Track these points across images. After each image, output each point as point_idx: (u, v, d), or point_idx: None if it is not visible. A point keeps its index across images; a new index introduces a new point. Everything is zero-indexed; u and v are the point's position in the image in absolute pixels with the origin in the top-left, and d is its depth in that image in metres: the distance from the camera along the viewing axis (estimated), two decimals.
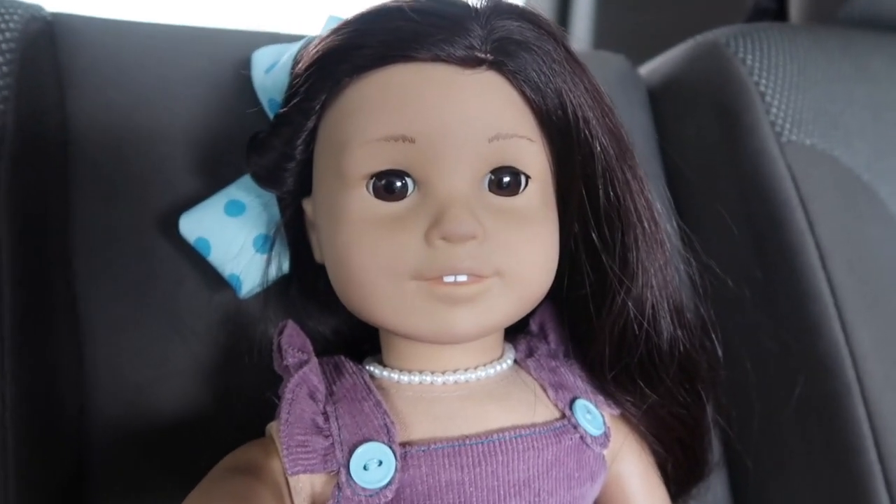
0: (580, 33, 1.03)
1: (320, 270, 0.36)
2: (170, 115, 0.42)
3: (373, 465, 0.30)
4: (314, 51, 0.32)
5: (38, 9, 0.43)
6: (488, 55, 0.30)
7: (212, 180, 0.41)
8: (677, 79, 0.57)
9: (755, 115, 0.51)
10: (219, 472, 0.31)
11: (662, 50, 0.62)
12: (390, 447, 0.30)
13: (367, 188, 0.30)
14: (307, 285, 0.39)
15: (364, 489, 0.29)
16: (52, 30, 0.43)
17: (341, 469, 0.30)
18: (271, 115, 0.39)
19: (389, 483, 0.29)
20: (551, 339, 0.37)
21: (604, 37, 1.01)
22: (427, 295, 0.30)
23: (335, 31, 0.32)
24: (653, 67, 0.61)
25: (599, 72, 0.34)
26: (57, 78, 0.42)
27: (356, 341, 0.38)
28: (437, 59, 0.30)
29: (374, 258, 0.30)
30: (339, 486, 0.30)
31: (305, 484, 0.31)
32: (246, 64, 0.41)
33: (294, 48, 0.38)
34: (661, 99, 0.57)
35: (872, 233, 0.49)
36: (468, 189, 0.30)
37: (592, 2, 1.01)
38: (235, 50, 0.44)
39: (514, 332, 0.37)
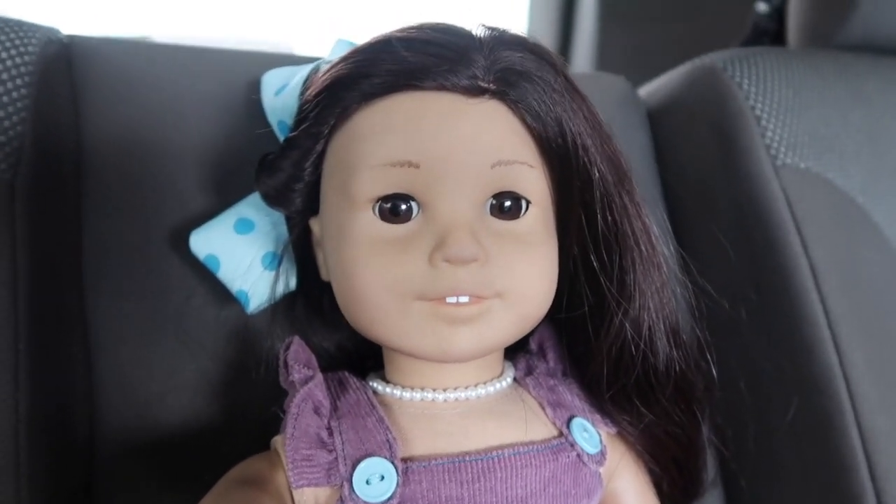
0: (582, 54, 1.05)
1: (326, 288, 0.37)
2: (181, 134, 0.44)
3: (375, 479, 0.30)
4: (324, 78, 0.33)
5: (55, 32, 0.44)
6: (491, 85, 0.31)
7: (221, 198, 0.42)
8: (675, 101, 0.58)
9: (751, 138, 0.51)
10: (225, 483, 0.31)
11: (663, 71, 0.63)
12: (392, 462, 0.31)
13: (374, 211, 0.32)
14: (313, 302, 0.40)
15: (366, 503, 0.30)
16: (68, 52, 0.44)
17: (344, 483, 0.31)
18: (280, 136, 0.40)
19: (391, 498, 0.30)
20: (550, 359, 0.38)
21: (605, 58, 1.03)
22: (430, 315, 0.31)
23: (344, 60, 0.33)
24: (652, 89, 0.62)
25: (600, 93, 0.35)
26: (72, 98, 0.43)
27: (360, 357, 0.39)
28: (441, 88, 0.31)
29: (379, 278, 0.31)
30: (342, 500, 0.31)
31: (309, 497, 0.31)
32: (256, 85, 0.42)
33: (303, 71, 0.39)
34: (659, 120, 0.58)
35: (866, 255, 0.50)
36: (471, 213, 0.31)
37: (594, 23, 1.03)
38: (246, 71, 0.45)
39: (514, 351, 0.38)
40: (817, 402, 0.44)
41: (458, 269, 0.30)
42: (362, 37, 0.36)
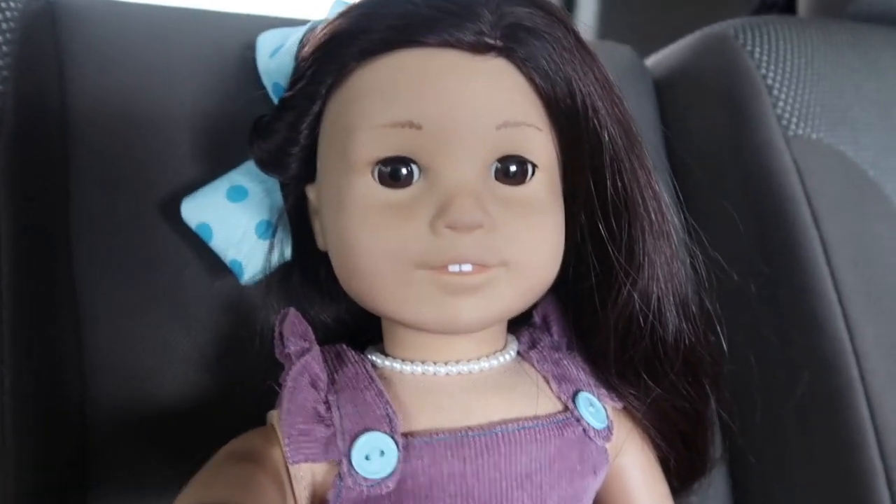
0: (584, 26, 1.03)
1: (323, 258, 0.36)
2: (172, 98, 0.42)
3: (375, 455, 0.29)
4: (321, 34, 0.32)
5: None
6: (498, 41, 0.30)
7: (214, 165, 0.41)
8: (684, 71, 0.56)
9: (762, 108, 0.50)
10: (220, 458, 0.30)
11: (665, 42, 0.61)
12: (392, 437, 0.30)
13: (373, 175, 0.30)
14: (309, 273, 0.39)
15: (366, 479, 0.29)
16: (52, 10, 0.42)
17: (343, 459, 0.29)
18: (275, 100, 0.39)
19: (391, 474, 0.29)
20: (554, 332, 0.37)
21: (608, 29, 1.01)
22: (432, 284, 0.30)
23: (343, 15, 0.32)
24: (659, 59, 0.60)
25: (606, 63, 0.34)
26: (57, 59, 0.41)
27: (358, 330, 0.38)
28: (445, 44, 0.30)
29: (378, 246, 0.30)
30: (340, 476, 0.29)
31: (306, 473, 0.31)
32: (250, 47, 0.40)
33: (299, 32, 0.37)
34: (667, 91, 0.57)
35: (877, 229, 0.49)
36: (474, 177, 0.30)
37: None
38: (239, 33, 0.43)
39: (517, 324, 0.37)
40: (827, 377, 0.44)
41: (462, 236, 0.29)
42: None
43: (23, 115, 0.37)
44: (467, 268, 0.29)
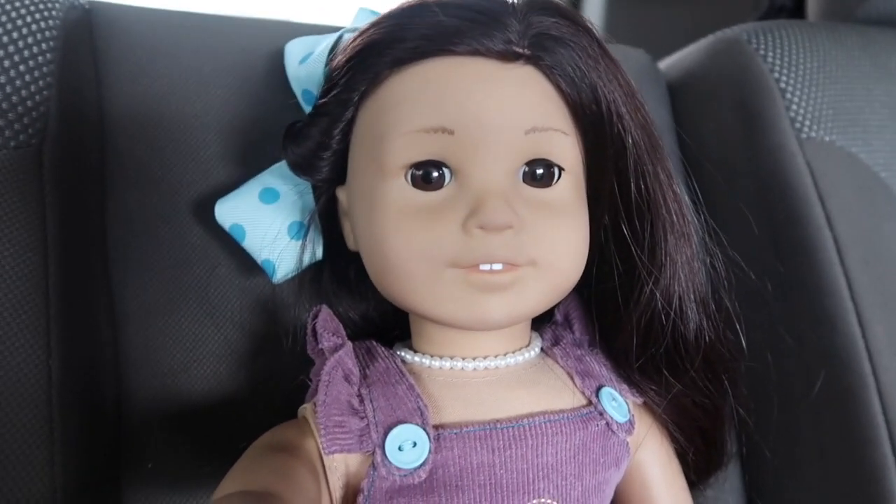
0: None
1: (352, 257, 0.37)
2: (203, 103, 0.43)
3: (407, 445, 0.31)
4: (354, 43, 0.33)
5: None
6: (526, 50, 0.31)
7: (243, 168, 0.42)
8: (697, 74, 0.57)
9: (775, 110, 0.51)
10: (257, 449, 0.32)
11: (675, 49, 0.62)
12: (424, 429, 0.31)
13: (406, 178, 0.31)
14: (339, 272, 0.40)
15: (399, 469, 0.30)
16: (89, 18, 0.43)
17: (377, 449, 0.31)
18: (305, 106, 0.40)
19: (423, 464, 0.30)
20: (576, 329, 0.38)
21: (614, 32, 1.02)
22: (463, 282, 0.31)
23: (375, 25, 0.33)
24: (672, 62, 0.61)
25: None
26: (94, 66, 0.42)
27: (386, 327, 0.39)
28: (475, 53, 0.31)
29: (411, 246, 0.31)
30: (374, 466, 0.31)
31: (340, 463, 0.32)
32: (279, 54, 0.41)
33: (328, 40, 0.38)
34: (680, 94, 0.58)
35: (888, 229, 0.50)
36: (504, 180, 0.31)
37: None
38: (269, 40, 0.44)
39: (540, 322, 0.38)
40: (840, 374, 0.44)
41: (492, 236, 0.30)
42: (384, 5, 0.36)
43: (65, 119, 0.39)
44: (497, 267, 0.30)
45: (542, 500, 0.31)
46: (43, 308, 0.35)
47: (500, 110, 0.31)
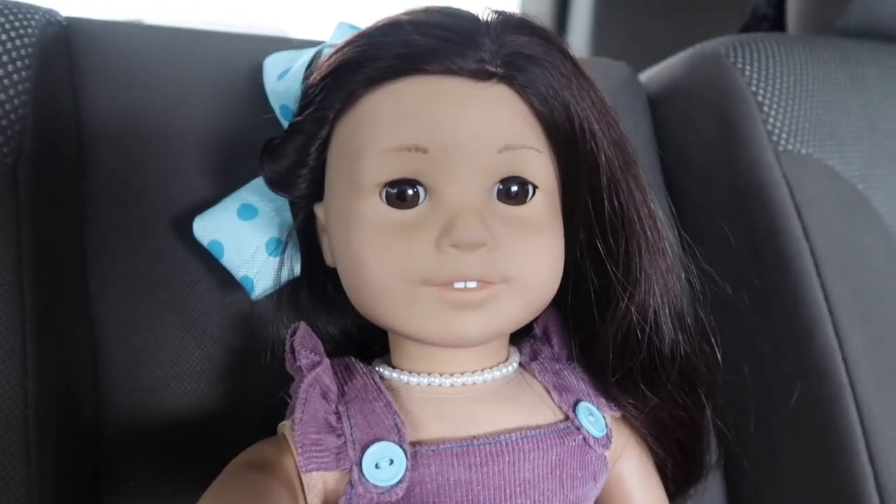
0: (578, 41, 1.05)
1: (330, 273, 0.37)
2: (182, 118, 0.43)
3: (384, 463, 0.31)
4: (329, 62, 0.33)
5: (54, 14, 0.43)
6: (499, 69, 0.31)
7: (223, 183, 0.42)
8: (677, 87, 0.58)
9: (753, 124, 0.52)
10: (234, 468, 0.31)
11: (660, 58, 0.63)
12: (401, 447, 0.31)
13: (380, 196, 0.31)
14: (317, 288, 0.40)
15: (376, 486, 0.30)
16: (66, 34, 0.43)
17: (354, 467, 0.31)
18: (283, 121, 0.40)
19: (400, 481, 0.30)
20: (555, 343, 0.38)
21: (602, 45, 1.02)
22: (437, 300, 0.31)
23: (350, 43, 0.33)
24: (653, 75, 0.62)
25: (601, 78, 0.35)
26: (71, 82, 0.42)
27: (365, 343, 0.39)
28: (449, 72, 0.31)
29: (386, 264, 0.31)
30: (351, 484, 0.31)
31: (318, 481, 0.32)
32: (258, 69, 0.41)
33: (306, 55, 0.39)
34: (660, 106, 0.58)
35: (866, 241, 0.50)
36: (478, 198, 0.31)
37: (591, 10, 1.02)
38: (247, 54, 0.45)
39: (519, 336, 0.38)
40: (817, 385, 0.45)
41: (466, 254, 0.30)
42: (363, 20, 0.36)
43: (41, 137, 0.39)
44: (472, 284, 0.31)
45: None
46: (19, 327, 0.35)
47: (474, 129, 0.31)
